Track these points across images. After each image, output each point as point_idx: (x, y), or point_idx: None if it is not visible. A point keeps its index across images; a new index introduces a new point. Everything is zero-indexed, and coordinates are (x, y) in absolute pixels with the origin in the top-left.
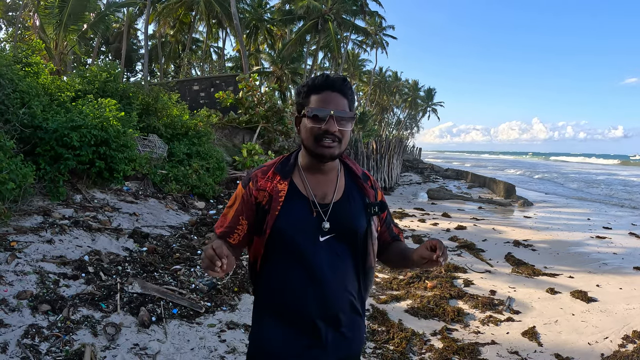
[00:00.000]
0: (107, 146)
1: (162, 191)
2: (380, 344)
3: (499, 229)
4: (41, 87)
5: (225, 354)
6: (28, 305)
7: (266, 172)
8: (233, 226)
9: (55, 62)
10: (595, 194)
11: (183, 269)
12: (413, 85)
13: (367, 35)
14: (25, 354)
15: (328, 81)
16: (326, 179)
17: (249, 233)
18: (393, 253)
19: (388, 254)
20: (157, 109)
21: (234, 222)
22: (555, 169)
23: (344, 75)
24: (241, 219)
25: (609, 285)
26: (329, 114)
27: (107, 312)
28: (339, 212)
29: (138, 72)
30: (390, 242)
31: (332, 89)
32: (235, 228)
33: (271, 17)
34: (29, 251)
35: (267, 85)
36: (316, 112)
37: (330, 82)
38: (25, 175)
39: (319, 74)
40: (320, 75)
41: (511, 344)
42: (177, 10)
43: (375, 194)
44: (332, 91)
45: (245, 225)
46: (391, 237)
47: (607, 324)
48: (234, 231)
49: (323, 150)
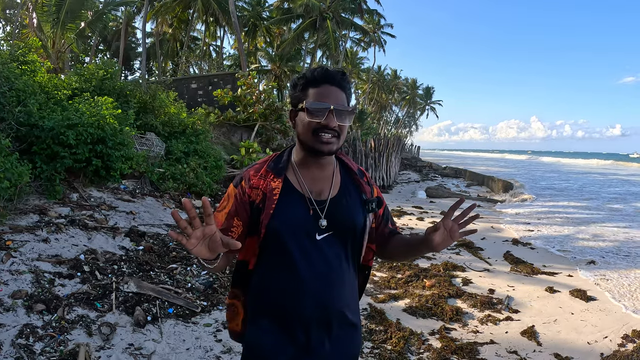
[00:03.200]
0: (104, 144)
1: (159, 189)
2: (378, 344)
3: (497, 227)
4: (38, 85)
5: (221, 354)
6: (23, 305)
7: (259, 170)
8: (227, 228)
9: (52, 61)
10: (593, 192)
11: (179, 267)
12: (412, 83)
13: (365, 33)
14: (20, 354)
15: (327, 74)
16: (322, 174)
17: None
18: (395, 245)
19: (390, 249)
20: (154, 107)
21: (228, 224)
22: (556, 169)
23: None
24: (235, 219)
25: (608, 283)
26: (329, 109)
27: (102, 312)
28: (336, 208)
29: (136, 71)
30: (389, 238)
31: (331, 83)
32: (229, 230)
33: (269, 15)
34: (24, 250)
35: (266, 84)
36: (315, 106)
37: (329, 75)
38: (21, 174)
39: (316, 67)
40: (319, 68)
41: (510, 344)
42: (174, 9)
43: (371, 191)
44: (331, 85)
45: (240, 226)
46: (389, 231)
47: (607, 323)
48: (228, 233)
49: (322, 145)
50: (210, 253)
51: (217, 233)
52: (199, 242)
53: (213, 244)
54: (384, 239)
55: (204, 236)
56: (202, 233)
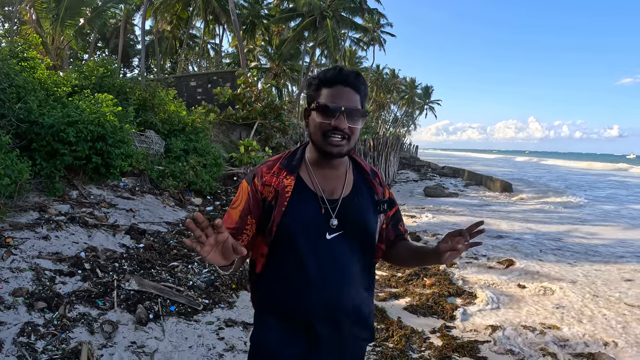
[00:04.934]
0: (104, 142)
1: (159, 187)
2: (379, 342)
3: (496, 224)
4: (37, 82)
5: (224, 352)
6: (24, 303)
7: (271, 167)
8: (241, 227)
9: (51, 57)
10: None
11: (180, 265)
12: (410, 83)
13: (365, 32)
14: (22, 353)
15: (341, 75)
16: (335, 173)
17: (257, 233)
18: (401, 251)
19: (394, 252)
20: (154, 104)
21: (242, 222)
22: (553, 170)
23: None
24: (249, 218)
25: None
26: (340, 110)
27: (104, 310)
28: (347, 208)
29: (135, 68)
30: (394, 240)
31: (344, 84)
32: (243, 229)
33: (268, 14)
34: (24, 248)
35: (265, 82)
36: (326, 106)
37: (343, 76)
38: (21, 171)
39: (331, 67)
40: (333, 68)
41: (509, 341)
42: (174, 6)
43: (383, 191)
44: (344, 86)
45: (253, 225)
46: (396, 234)
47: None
48: (242, 232)
49: (331, 147)
50: (224, 260)
51: (229, 239)
52: (212, 249)
53: (226, 251)
54: (390, 241)
55: (217, 243)
56: (215, 240)
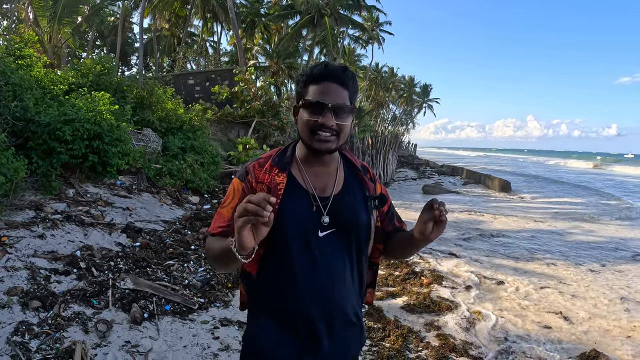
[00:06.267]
0: (101, 140)
1: (156, 185)
2: (376, 342)
3: (495, 222)
4: (34, 80)
5: (219, 352)
6: (18, 302)
7: (263, 165)
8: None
9: (49, 56)
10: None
11: (176, 264)
12: (409, 81)
13: (364, 30)
14: (15, 352)
15: (327, 71)
16: (326, 171)
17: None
18: (395, 243)
19: (391, 245)
20: (151, 102)
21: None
22: (552, 169)
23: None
24: None
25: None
26: (327, 107)
27: (98, 309)
28: (339, 205)
29: (133, 66)
30: (392, 235)
31: (331, 80)
32: None
33: (267, 12)
34: (20, 246)
35: (263, 80)
36: (313, 103)
37: (329, 71)
38: (16, 169)
39: (318, 63)
40: (320, 64)
41: (507, 339)
42: (172, 4)
43: (374, 187)
44: (331, 82)
45: None
46: (394, 229)
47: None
48: None
49: (319, 144)
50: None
51: (271, 216)
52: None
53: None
54: (388, 237)
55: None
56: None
